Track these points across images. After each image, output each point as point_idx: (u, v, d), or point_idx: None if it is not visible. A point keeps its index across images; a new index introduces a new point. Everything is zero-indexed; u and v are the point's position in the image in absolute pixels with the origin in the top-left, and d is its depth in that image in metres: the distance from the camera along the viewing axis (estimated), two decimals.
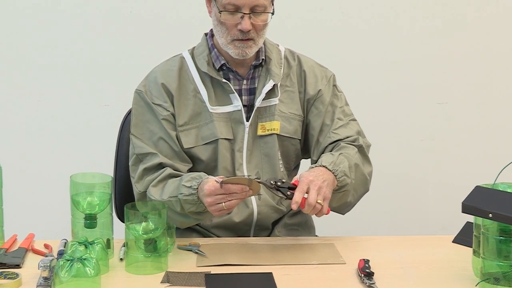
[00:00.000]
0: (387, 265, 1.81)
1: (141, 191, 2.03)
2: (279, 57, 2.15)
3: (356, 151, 2.06)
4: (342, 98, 2.18)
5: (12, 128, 3.09)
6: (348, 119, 2.15)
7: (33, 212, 3.06)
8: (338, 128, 2.11)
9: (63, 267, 1.60)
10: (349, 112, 2.18)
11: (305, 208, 1.82)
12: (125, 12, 3.04)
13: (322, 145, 2.11)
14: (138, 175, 2.05)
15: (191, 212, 1.94)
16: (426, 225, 3.22)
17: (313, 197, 1.81)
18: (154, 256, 1.77)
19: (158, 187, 2.00)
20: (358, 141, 2.09)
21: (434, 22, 3.14)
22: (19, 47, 3.05)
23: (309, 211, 1.82)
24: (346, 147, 2.06)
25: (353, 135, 2.11)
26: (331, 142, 2.09)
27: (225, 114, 2.08)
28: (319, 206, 1.82)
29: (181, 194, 1.92)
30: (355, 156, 2.03)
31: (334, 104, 2.14)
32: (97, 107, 3.08)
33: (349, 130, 2.12)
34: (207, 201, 1.84)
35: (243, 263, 1.82)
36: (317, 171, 1.90)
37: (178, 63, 2.11)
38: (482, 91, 3.20)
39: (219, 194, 1.81)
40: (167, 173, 2.02)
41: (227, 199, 1.82)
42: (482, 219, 1.64)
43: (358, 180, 2.03)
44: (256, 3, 1.97)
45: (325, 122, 2.12)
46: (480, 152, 3.21)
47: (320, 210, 1.83)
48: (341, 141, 2.09)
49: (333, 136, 2.10)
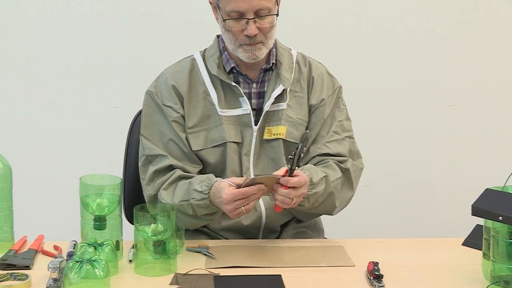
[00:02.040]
0: (396, 268, 1.81)
1: (152, 194, 2.04)
2: (291, 61, 2.14)
3: (339, 176, 2.04)
4: (344, 112, 2.15)
5: (22, 130, 3.10)
6: (345, 135, 2.12)
7: (43, 214, 3.07)
8: (331, 141, 2.08)
9: (72, 268, 1.60)
10: (348, 128, 2.14)
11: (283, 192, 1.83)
12: (134, 14, 3.05)
13: (310, 155, 2.09)
14: (148, 177, 2.05)
15: (204, 214, 1.95)
16: (436, 227, 3.21)
17: (294, 193, 1.83)
18: (163, 258, 1.78)
19: (169, 190, 2.00)
20: (345, 163, 2.07)
21: (444, 24, 3.13)
22: (29, 49, 3.06)
23: (281, 199, 1.84)
24: (333, 168, 2.04)
25: (344, 155, 2.08)
26: (320, 154, 2.07)
27: (234, 117, 2.08)
28: (289, 201, 1.84)
29: (193, 199, 1.93)
30: (335, 182, 2.02)
31: (334, 117, 2.12)
32: (107, 109, 3.09)
33: (342, 147, 2.09)
34: (227, 209, 1.85)
35: (252, 265, 1.82)
36: (307, 179, 1.90)
37: (189, 65, 2.11)
38: (492, 94, 3.19)
39: (238, 200, 1.82)
40: (177, 175, 2.02)
41: (246, 202, 1.83)
42: (492, 221, 1.64)
43: (324, 206, 2.02)
44: (259, 6, 1.95)
45: (320, 133, 2.10)
46: (490, 154, 3.20)
47: (282, 203, 1.85)
48: (330, 158, 2.06)
49: (324, 148, 2.08)
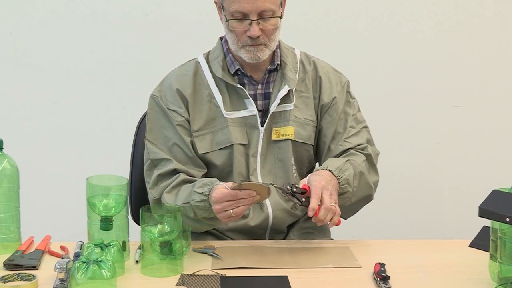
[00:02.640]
0: (403, 269, 1.80)
1: (156, 197, 2.04)
2: (295, 61, 2.14)
3: (364, 159, 2.07)
4: (355, 105, 2.18)
5: (29, 131, 3.11)
6: (360, 126, 2.15)
7: (50, 214, 3.07)
8: (350, 136, 2.11)
9: (79, 269, 1.60)
10: (361, 119, 2.17)
11: (322, 212, 1.84)
12: (140, 15, 3.05)
13: (333, 153, 2.11)
14: (152, 181, 2.05)
15: (204, 217, 1.95)
16: (442, 229, 3.20)
17: (328, 201, 1.85)
18: (170, 259, 1.78)
19: (172, 193, 2.01)
20: (367, 149, 2.10)
21: (450, 25, 3.12)
22: (36, 50, 3.07)
23: (325, 215, 1.84)
24: (355, 154, 2.07)
25: (363, 143, 2.11)
26: (343, 151, 2.10)
27: (240, 119, 2.08)
28: (334, 208, 1.85)
29: (193, 201, 1.93)
30: (361, 165, 2.05)
31: (347, 112, 2.14)
32: (113, 109, 3.09)
33: (360, 138, 2.12)
34: (215, 208, 1.86)
35: (258, 266, 1.82)
36: (325, 175, 1.92)
37: (193, 68, 2.11)
38: (498, 95, 3.18)
39: (227, 201, 1.82)
40: (180, 179, 2.02)
41: (234, 205, 1.82)
42: (499, 223, 1.63)
43: (361, 188, 2.04)
44: (263, 8, 1.95)
45: (337, 130, 2.12)
46: (497, 156, 3.19)
47: (333, 216, 1.86)
48: (351, 149, 2.09)
49: (345, 144, 2.10)
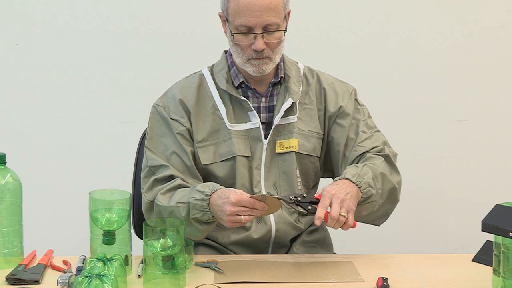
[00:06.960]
0: (405, 284, 1.80)
1: (150, 200, 2.03)
2: (298, 74, 2.15)
3: (383, 161, 2.05)
4: (365, 112, 2.18)
5: (32, 145, 3.11)
6: (372, 131, 2.14)
7: (52, 228, 3.07)
8: (363, 140, 2.10)
9: (81, 283, 1.60)
10: (372, 124, 2.17)
11: (329, 221, 1.81)
12: (143, 29, 3.07)
13: (349, 160, 2.10)
14: (148, 185, 2.05)
15: (195, 218, 1.93)
16: (446, 243, 3.19)
17: (335, 210, 1.81)
18: (172, 273, 1.77)
19: (166, 195, 2.00)
20: (384, 150, 2.09)
21: (454, 39, 3.13)
22: (40, 64, 3.08)
23: (333, 224, 1.82)
24: (372, 157, 2.06)
25: (379, 145, 2.10)
26: (358, 155, 2.09)
27: (244, 131, 2.08)
28: (343, 218, 1.81)
29: (192, 198, 1.92)
30: (381, 166, 2.03)
31: (356, 118, 2.14)
32: (116, 123, 3.10)
33: (374, 141, 2.11)
34: (229, 210, 1.82)
35: (261, 280, 1.81)
36: (340, 184, 1.90)
37: (197, 80, 2.12)
38: (501, 109, 3.18)
39: (243, 206, 1.82)
40: (177, 183, 2.01)
41: (247, 213, 1.82)
42: (502, 238, 1.63)
43: (386, 189, 2.02)
44: (268, 22, 1.96)
45: (349, 136, 2.12)
46: (500, 170, 3.19)
47: (345, 222, 1.82)
48: (367, 153, 2.08)
49: (359, 149, 2.09)
